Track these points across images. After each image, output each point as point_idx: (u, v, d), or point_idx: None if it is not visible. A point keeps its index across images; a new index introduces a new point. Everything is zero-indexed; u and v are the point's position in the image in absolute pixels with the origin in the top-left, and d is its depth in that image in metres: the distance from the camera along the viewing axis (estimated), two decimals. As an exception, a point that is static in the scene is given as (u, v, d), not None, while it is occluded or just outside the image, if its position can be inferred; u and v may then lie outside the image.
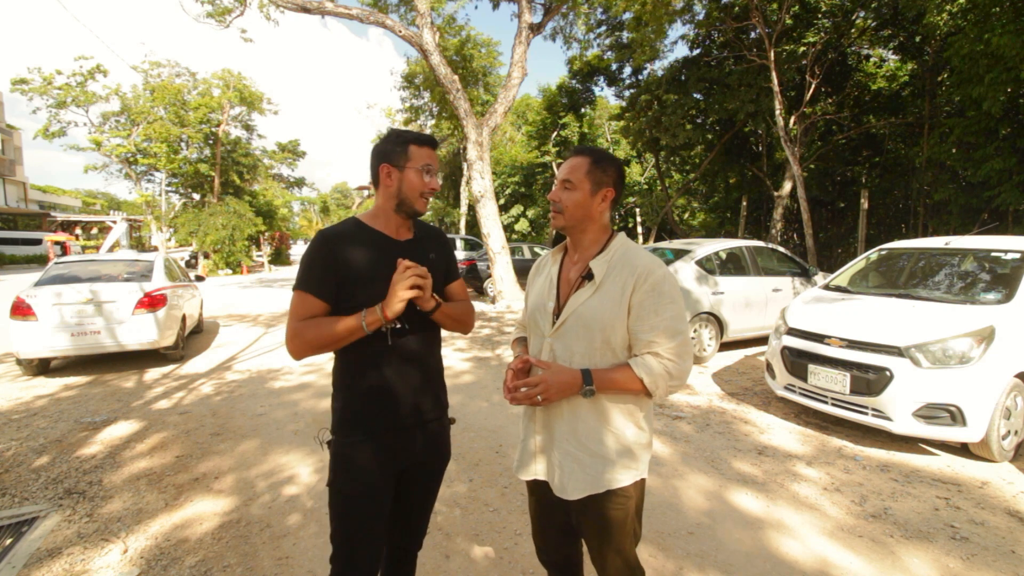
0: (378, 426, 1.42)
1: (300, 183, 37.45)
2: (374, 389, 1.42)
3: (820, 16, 12.81)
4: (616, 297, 1.32)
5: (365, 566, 1.40)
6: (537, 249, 14.60)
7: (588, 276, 1.38)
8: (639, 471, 1.38)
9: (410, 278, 1.34)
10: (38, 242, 28.06)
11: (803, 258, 11.90)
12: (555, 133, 23.49)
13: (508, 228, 23.60)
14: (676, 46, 24.21)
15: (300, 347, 1.36)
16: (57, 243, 23.91)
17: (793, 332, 4.12)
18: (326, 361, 5.80)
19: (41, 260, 26.92)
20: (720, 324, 6.14)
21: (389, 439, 1.43)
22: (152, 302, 5.85)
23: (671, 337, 1.30)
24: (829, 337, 3.79)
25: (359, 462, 1.40)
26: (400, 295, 1.34)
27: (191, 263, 22.80)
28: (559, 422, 1.39)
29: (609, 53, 17.51)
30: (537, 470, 1.46)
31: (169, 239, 26.77)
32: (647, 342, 1.31)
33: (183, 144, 26.47)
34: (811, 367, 3.83)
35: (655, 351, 1.30)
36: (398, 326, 1.42)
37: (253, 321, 9.55)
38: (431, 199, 1.50)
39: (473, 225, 24.73)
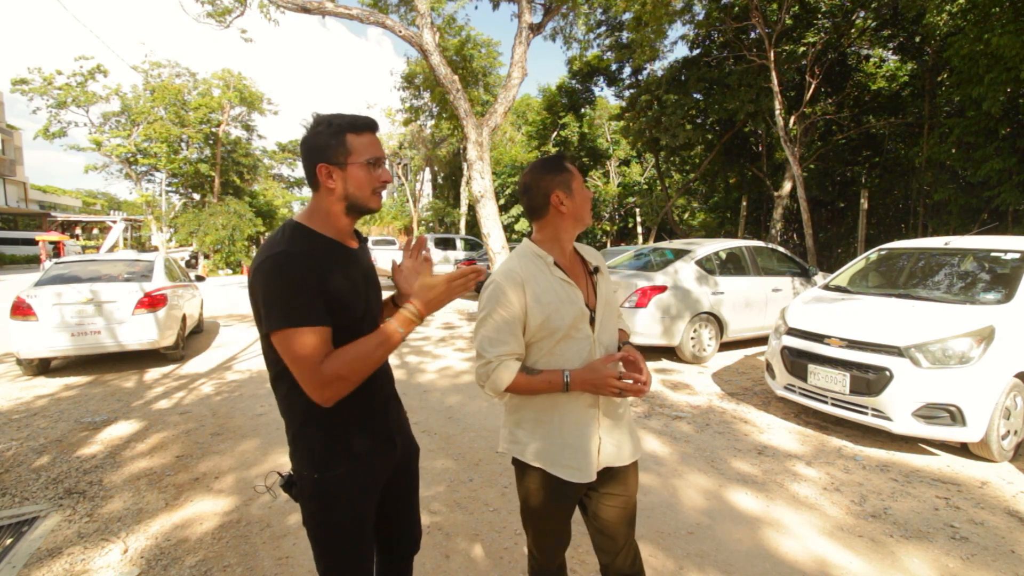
0: (366, 447, 1.29)
1: (300, 183, 37.46)
2: (358, 408, 1.27)
3: (820, 16, 12.81)
4: (611, 279, 1.58)
5: None
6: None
7: (595, 270, 1.54)
8: None
9: (469, 281, 1.26)
10: (36, 242, 27.79)
11: (803, 258, 11.90)
12: (555, 133, 23.50)
13: (508, 228, 23.59)
14: (676, 46, 24.20)
15: (344, 388, 1.15)
16: (51, 243, 22.96)
17: (793, 332, 4.12)
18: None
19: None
20: (720, 324, 6.14)
21: (375, 457, 1.32)
22: (152, 302, 5.85)
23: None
24: (829, 337, 3.79)
25: (350, 494, 1.26)
26: (452, 296, 1.28)
27: (191, 263, 22.81)
28: (617, 407, 1.50)
29: (609, 53, 17.49)
30: (601, 462, 1.46)
31: (169, 239, 26.78)
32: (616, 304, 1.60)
33: (183, 144, 26.49)
34: (811, 367, 3.84)
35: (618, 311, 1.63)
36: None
37: (253, 321, 9.55)
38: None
39: (473, 225, 24.75)
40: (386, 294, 1.50)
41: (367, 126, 1.23)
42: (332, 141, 1.19)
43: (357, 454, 1.27)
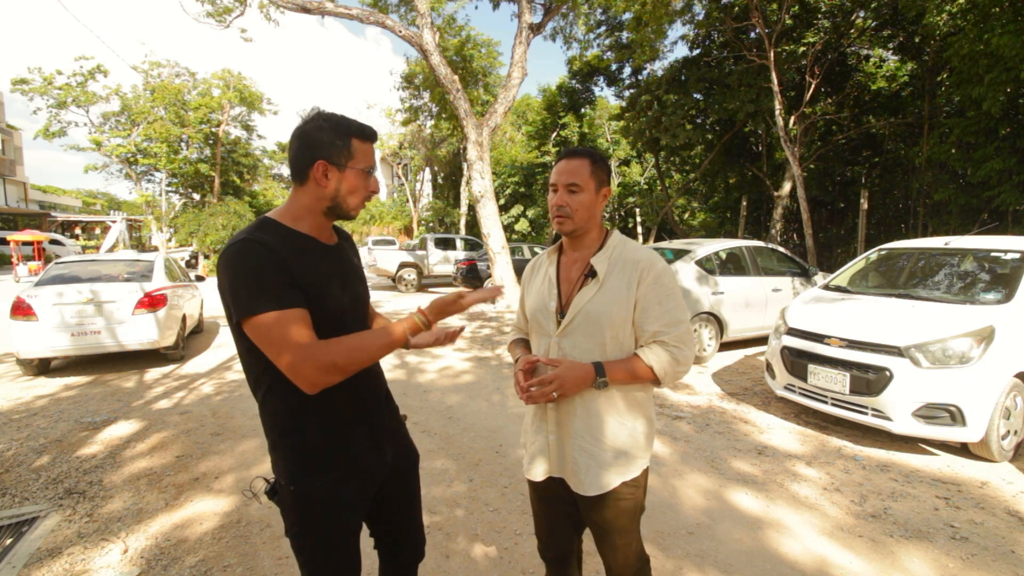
0: (347, 458, 1.25)
1: (300, 183, 37.40)
2: (338, 414, 1.24)
3: (820, 16, 12.81)
4: (622, 293, 1.36)
5: None
6: (537, 249, 14.63)
7: (591, 274, 1.40)
8: (647, 459, 1.45)
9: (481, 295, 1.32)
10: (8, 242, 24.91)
11: (803, 258, 11.90)
12: (555, 133, 23.50)
13: (508, 228, 23.59)
14: (676, 46, 24.20)
15: (330, 372, 1.09)
16: (26, 244, 19.70)
17: (793, 332, 4.12)
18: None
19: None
20: (720, 324, 6.14)
21: (359, 468, 1.27)
22: (152, 302, 5.86)
23: (675, 326, 1.36)
24: (829, 337, 3.79)
25: (333, 504, 1.22)
26: (462, 306, 1.30)
27: (191, 263, 22.77)
28: (573, 419, 1.40)
29: (609, 53, 17.50)
30: (551, 468, 1.47)
31: (169, 239, 26.78)
32: (653, 332, 1.36)
33: (183, 144, 26.50)
34: (811, 367, 3.84)
35: (661, 340, 1.35)
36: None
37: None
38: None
39: (473, 225, 24.73)
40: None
41: (372, 136, 1.27)
42: (338, 141, 1.19)
43: (337, 465, 1.23)
